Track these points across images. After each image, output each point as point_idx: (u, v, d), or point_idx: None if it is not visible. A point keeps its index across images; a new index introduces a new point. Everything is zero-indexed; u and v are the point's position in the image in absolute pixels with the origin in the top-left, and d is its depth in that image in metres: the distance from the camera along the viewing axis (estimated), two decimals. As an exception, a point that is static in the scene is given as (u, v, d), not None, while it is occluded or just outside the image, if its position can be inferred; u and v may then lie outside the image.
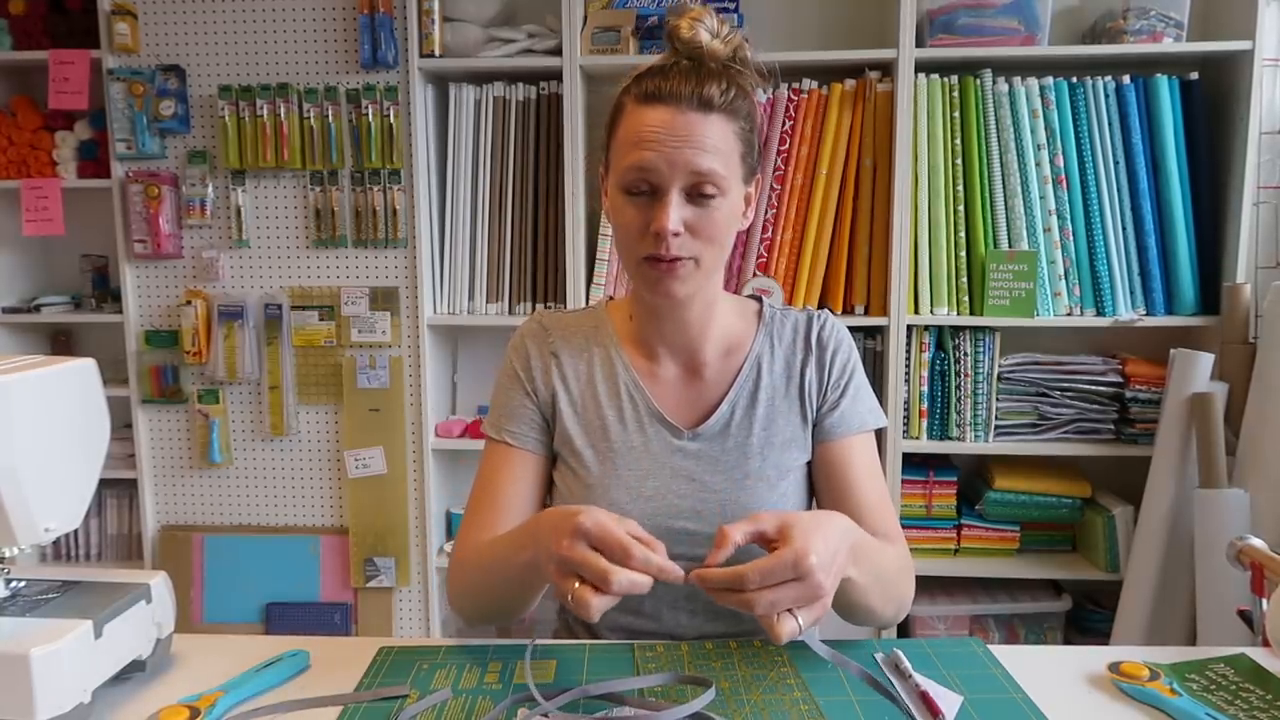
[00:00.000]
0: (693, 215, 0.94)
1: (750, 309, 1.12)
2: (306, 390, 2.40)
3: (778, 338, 1.09)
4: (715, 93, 0.93)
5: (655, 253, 0.94)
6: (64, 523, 0.84)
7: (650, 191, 0.94)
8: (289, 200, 2.35)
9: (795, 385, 1.06)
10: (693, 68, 0.95)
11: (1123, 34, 2.04)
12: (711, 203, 0.94)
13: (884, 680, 0.86)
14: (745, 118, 0.97)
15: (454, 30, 2.20)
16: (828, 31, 2.29)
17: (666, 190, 0.93)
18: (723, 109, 0.94)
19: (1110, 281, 2.11)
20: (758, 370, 1.07)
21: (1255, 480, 1.87)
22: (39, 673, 0.73)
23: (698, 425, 1.05)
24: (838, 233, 2.16)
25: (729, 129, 0.94)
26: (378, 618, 2.44)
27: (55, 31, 2.32)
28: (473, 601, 1.02)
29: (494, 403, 1.10)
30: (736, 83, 0.96)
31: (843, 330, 1.10)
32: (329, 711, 0.84)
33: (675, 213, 0.92)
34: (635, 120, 0.94)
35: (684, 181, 0.93)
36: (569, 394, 1.07)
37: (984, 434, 2.17)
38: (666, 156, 0.92)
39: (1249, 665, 0.91)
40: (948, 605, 2.22)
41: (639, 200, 0.95)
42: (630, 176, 0.94)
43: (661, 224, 0.92)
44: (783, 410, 1.06)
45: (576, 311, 1.14)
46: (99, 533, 2.54)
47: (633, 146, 0.94)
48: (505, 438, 1.06)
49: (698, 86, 0.93)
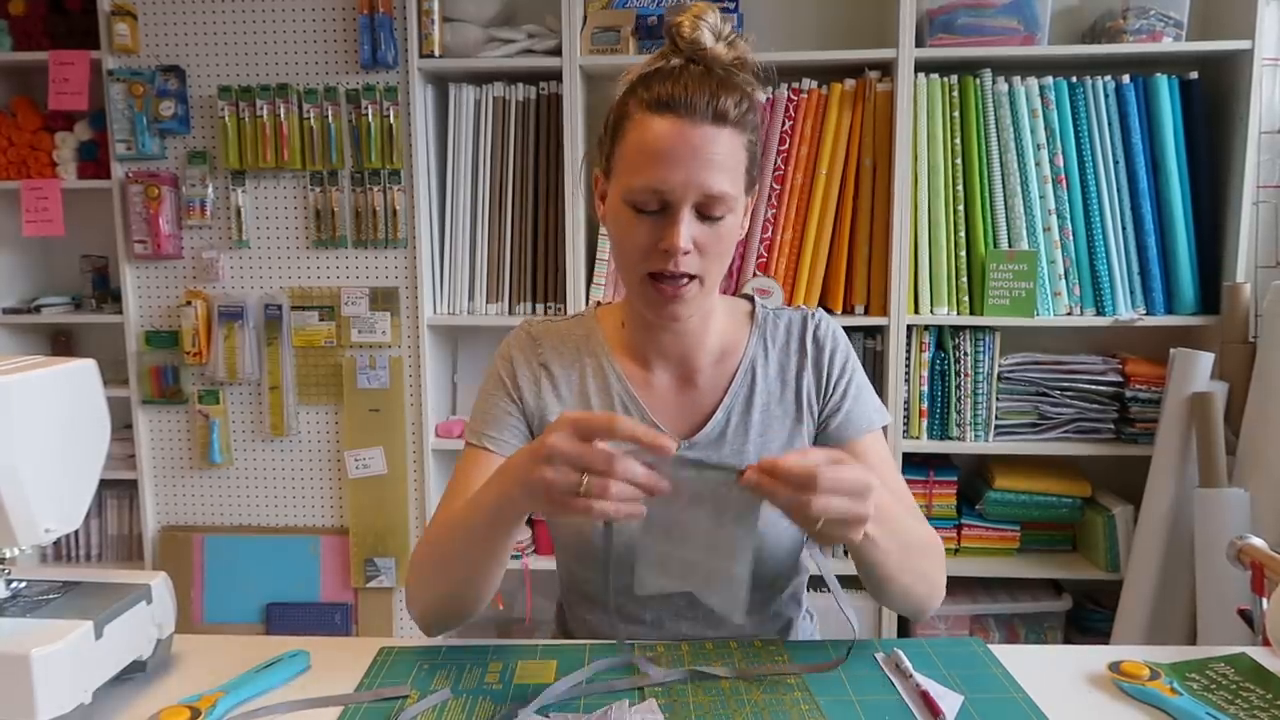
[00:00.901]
0: (701, 233, 0.91)
1: (741, 310, 1.10)
2: (306, 390, 2.40)
3: (771, 340, 1.06)
4: (730, 105, 0.90)
5: (662, 269, 0.92)
6: (64, 523, 0.84)
7: (660, 209, 0.91)
8: (289, 201, 2.35)
9: (791, 390, 1.04)
10: (705, 74, 0.91)
11: (1122, 34, 2.05)
12: (720, 222, 0.92)
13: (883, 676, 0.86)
14: (754, 130, 0.95)
15: (454, 30, 2.20)
16: (827, 31, 2.29)
17: (678, 208, 0.90)
18: (735, 122, 0.91)
19: (1110, 281, 2.11)
20: (752, 376, 1.04)
21: (1255, 480, 1.87)
22: (40, 673, 0.73)
23: (693, 434, 1.03)
24: (838, 233, 2.16)
25: (739, 143, 0.92)
26: (378, 618, 2.44)
27: (55, 32, 2.32)
28: (429, 587, 0.95)
29: (476, 409, 1.07)
30: (747, 93, 0.93)
31: (838, 329, 1.08)
32: (329, 712, 0.84)
33: (687, 230, 0.90)
34: (645, 131, 0.90)
35: (696, 200, 0.90)
36: (562, 405, 1.05)
37: (984, 434, 2.17)
38: (680, 175, 0.89)
39: (1249, 664, 0.91)
40: (948, 605, 2.22)
41: (647, 216, 0.92)
42: (642, 196, 0.91)
43: (673, 242, 0.89)
44: (778, 415, 1.04)
45: (566, 320, 1.12)
46: (99, 533, 2.54)
47: (645, 161, 0.90)
48: (485, 443, 1.03)
49: (713, 98, 0.89)
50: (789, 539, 1.02)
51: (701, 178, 0.89)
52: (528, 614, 2.38)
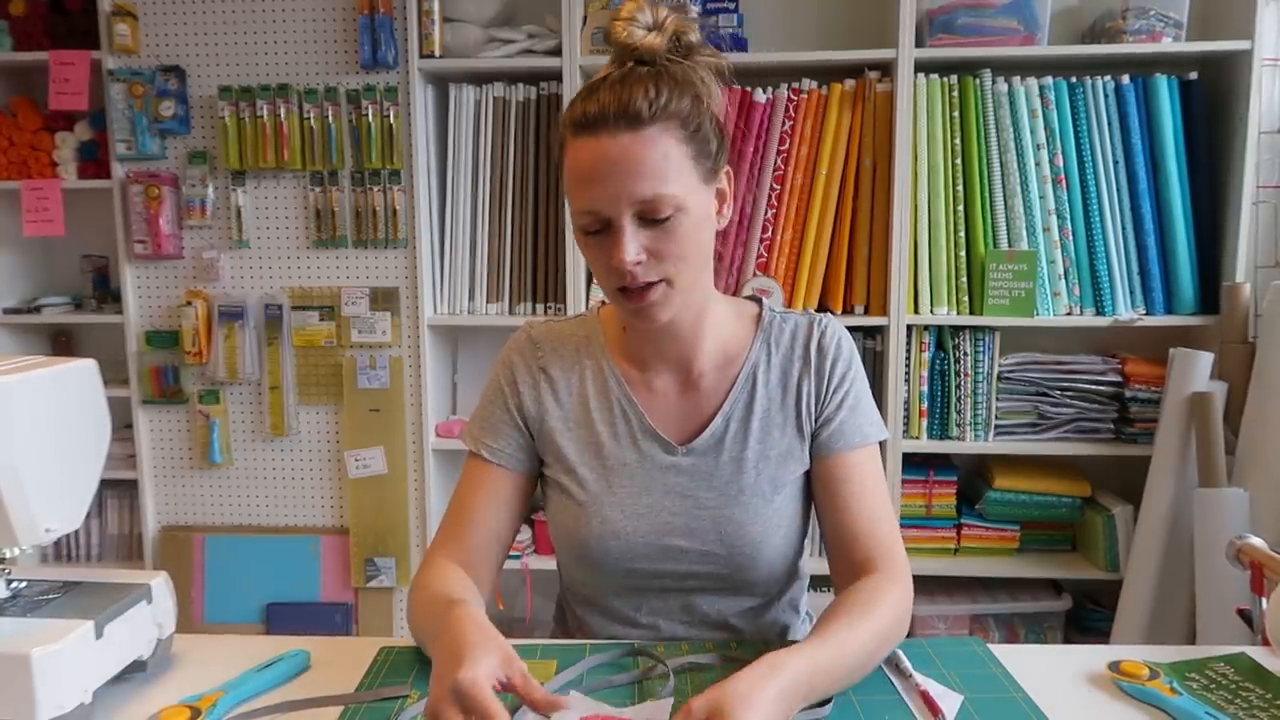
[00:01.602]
0: (651, 239, 0.90)
1: (749, 312, 1.07)
2: (307, 390, 2.41)
3: (775, 345, 1.04)
4: (642, 104, 0.87)
5: (622, 284, 0.92)
6: (65, 523, 0.84)
7: (604, 228, 0.90)
8: (289, 201, 2.35)
9: (792, 397, 1.02)
10: (619, 78, 0.90)
11: (1122, 34, 2.05)
12: (668, 223, 0.89)
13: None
14: (686, 117, 0.90)
15: (454, 31, 2.20)
16: (827, 31, 2.29)
17: (617, 222, 0.89)
18: (654, 118, 0.88)
19: (1110, 281, 2.11)
20: (753, 382, 1.03)
21: (1255, 480, 1.87)
22: (40, 673, 0.73)
23: (691, 439, 1.02)
24: (838, 233, 2.16)
25: (668, 139, 0.88)
26: (378, 618, 2.44)
27: (55, 32, 2.32)
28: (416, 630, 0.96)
29: (477, 412, 1.08)
30: (666, 82, 0.89)
31: (844, 338, 1.05)
32: (330, 712, 0.84)
33: (632, 243, 0.89)
34: (572, 157, 0.91)
35: (633, 210, 0.88)
36: (561, 409, 1.05)
37: (984, 434, 2.17)
38: (606, 192, 0.88)
39: (1249, 664, 0.91)
40: (948, 605, 2.23)
41: (597, 238, 0.92)
42: (582, 220, 0.91)
43: (619, 258, 0.89)
44: (778, 422, 1.02)
45: (568, 320, 1.11)
46: (100, 533, 2.54)
47: (575, 186, 0.90)
48: (482, 451, 1.04)
49: (620, 104, 0.87)
50: (786, 547, 1.01)
51: (629, 187, 0.87)
52: (528, 614, 2.38)
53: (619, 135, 0.87)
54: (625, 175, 0.87)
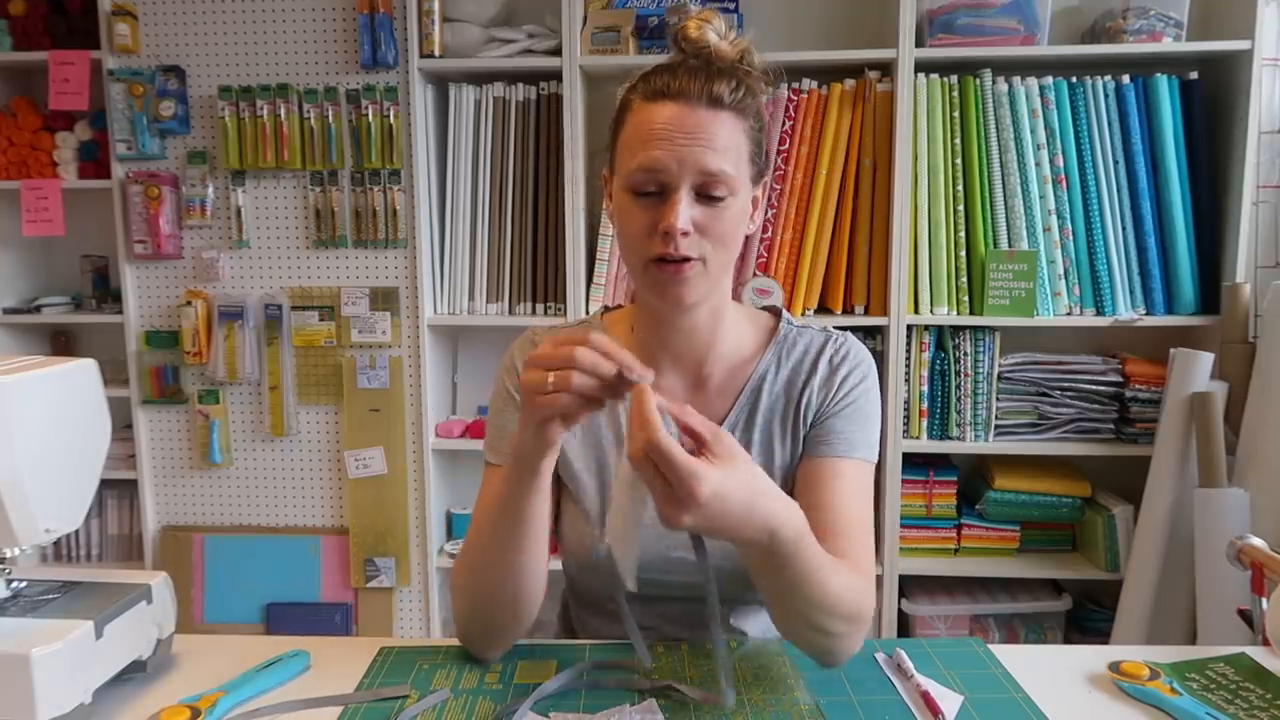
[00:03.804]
0: (702, 215, 0.91)
1: (764, 324, 1.07)
2: (306, 390, 2.40)
3: (786, 356, 1.03)
4: (725, 90, 0.91)
5: (664, 253, 0.91)
6: (64, 523, 0.84)
7: (658, 191, 0.91)
8: (289, 201, 2.35)
9: (794, 406, 1.01)
10: (701, 65, 0.93)
11: (1122, 34, 2.04)
12: (721, 203, 0.91)
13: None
14: (755, 117, 0.94)
15: (454, 30, 2.20)
16: (827, 31, 2.29)
17: (676, 189, 0.90)
18: (733, 107, 0.91)
19: (1110, 281, 2.11)
20: (758, 393, 1.02)
21: (1255, 480, 1.87)
22: (40, 673, 0.73)
23: None
24: (838, 233, 2.16)
25: (739, 127, 0.92)
26: (378, 618, 2.44)
27: (55, 32, 2.32)
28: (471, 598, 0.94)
29: (489, 427, 1.06)
30: (745, 82, 0.93)
31: (861, 358, 1.03)
32: (329, 712, 0.84)
33: (685, 211, 0.89)
34: (642, 118, 0.92)
35: (693, 180, 0.90)
36: None
37: (984, 434, 2.17)
38: (676, 154, 0.89)
39: (1249, 664, 0.91)
40: (948, 605, 2.23)
41: (646, 200, 0.91)
42: (638, 177, 0.91)
43: (671, 223, 0.89)
44: (778, 435, 1.02)
45: (572, 325, 1.11)
46: (99, 533, 2.54)
47: (640, 144, 0.91)
48: (503, 462, 0.97)
49: (707, 83, 0.90)
50: None
51: (697, 156, 0.89)
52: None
53: (698, 108, 0.90)
54: (696, 143, 0.89)
